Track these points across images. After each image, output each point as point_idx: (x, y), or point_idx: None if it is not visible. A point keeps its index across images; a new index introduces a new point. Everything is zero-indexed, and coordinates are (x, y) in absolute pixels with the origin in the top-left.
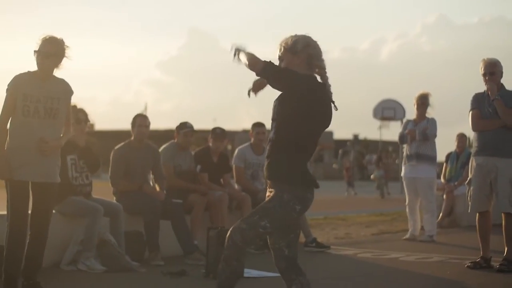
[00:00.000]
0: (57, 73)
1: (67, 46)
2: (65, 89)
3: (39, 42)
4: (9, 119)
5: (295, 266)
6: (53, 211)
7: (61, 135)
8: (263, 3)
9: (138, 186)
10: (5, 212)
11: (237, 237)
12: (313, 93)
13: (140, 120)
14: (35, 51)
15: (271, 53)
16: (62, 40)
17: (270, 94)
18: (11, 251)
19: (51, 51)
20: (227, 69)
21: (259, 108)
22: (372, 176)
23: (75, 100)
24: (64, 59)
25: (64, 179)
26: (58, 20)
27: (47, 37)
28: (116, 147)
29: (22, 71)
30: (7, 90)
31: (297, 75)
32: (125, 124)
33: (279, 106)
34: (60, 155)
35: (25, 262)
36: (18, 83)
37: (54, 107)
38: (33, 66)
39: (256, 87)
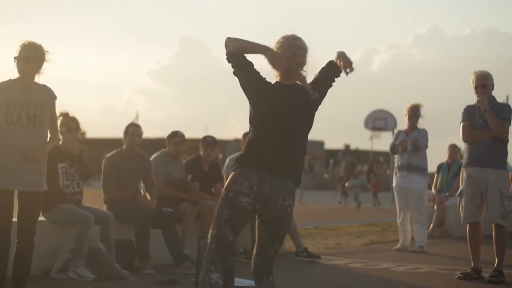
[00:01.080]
0: (47, 80)
1: (47, 51)
2: (48, 95)
3: (18, 48)
4: None
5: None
6: (44, 219)
7: (47, 141)
8: (254, 12)
9: (130, 195)
10: None
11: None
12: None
13: (133, 129)
14: (15, 57)
15: (261, 60)
16: (41, 45)
17: None
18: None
19: (31, 56)
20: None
21: None
22: (346, 184)
23: (67, 108)
24: (45, 64)
25: (55, 187)
26: (50, 29)
27: (26, 43)
28: (108, 155)
29: (3, 80)
30: None
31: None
32: (117, 132)
33: None
34: (46, 162)
35: (13, 271)
36: (0, 92)
37: (38, 114)
38: (14, 74)
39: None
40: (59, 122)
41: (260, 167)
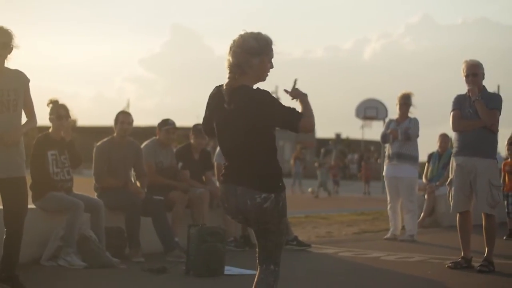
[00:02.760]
0: (38, 68)
1: (14, 35)
2: (21, 79)
3: None
4: None
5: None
6: (34, 207)
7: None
8: (244, 0)
9: (121, 183)
10: None
11: None
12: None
13: (123, 117)
14: None
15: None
16: (8, 29)
17: None
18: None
19: (3, 40)
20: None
21: None
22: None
23: (57, 95)
24: (14, 50)
25: (45, 175)
26: (41, 16)
27: (5, 29)
28: (98, 143)
29: None
30: None
31: None
32: (108, 121)
33: None
34: (23, 147)
35: (1, 259)
36: None
37: (11, 99)
38: None
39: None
40: (49, 110)
41: (225, 180)
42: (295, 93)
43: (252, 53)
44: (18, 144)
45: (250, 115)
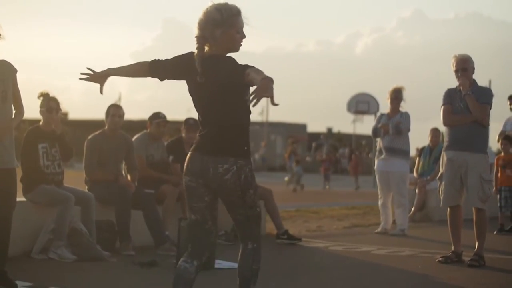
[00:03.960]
0: (29, 62)
1: (1, 26)
2: (8, 69)
3: None
4: None
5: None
6: (24, 200)
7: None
8: None
9: (113, 176)
10: None
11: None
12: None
13: (114, 110)
14: None
15: (244, 43)
16: None
17: None
18: None
19: None
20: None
21: None
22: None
23: (48, 89)
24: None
25: (35, 167)
26: (32, 9)
27: None
28: (90, 136)
29: None
30: None
31: None
32: (99, 114)
33: None
34: (13, 139)
35: None
36: None
37: (0, 90)
38: None
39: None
40: (39, 102)
41: (194, 148)
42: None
43: (215, 24)
44: (9, 136)
45: (222, 82)
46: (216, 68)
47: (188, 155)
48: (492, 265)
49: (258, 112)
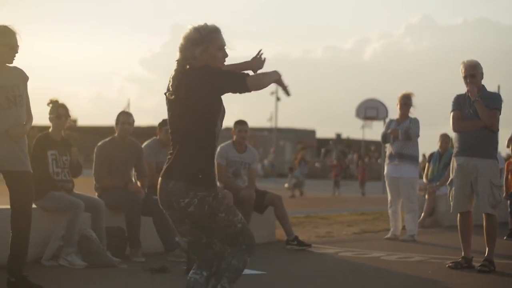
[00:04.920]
0: (38, 68)
1: (19, 34)
2: (22, 75)
3: (2, 33)
4: None
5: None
6: (34, 206)
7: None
8: (245, 0)
9: (122, 183)
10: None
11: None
12: None
13: (124, 118)
14: None
15: (253, 49)
16: (15, 29)
17: (254, 93)
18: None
19: (15, 43)
20: None
21: (240, 106)
22: (286, 185)
23: (57, 95)
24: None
25: (45, 174)
26: (40, 15)
27: (12, 29)
28: (99, 143)
29: None
30: None
31: None
32: (108, 120)
33: None
34: (26, 145)
35: (9, 259)
36: None
37: (17, 95)
38: None
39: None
40: (48, 109)
41: (162, 173)
42: (257, 62)
43: (194, 44)
44: (23, 140)
45: (190, 96)
46: (187, 83)
47: (160, 183)
48: (502, 271)
49: (267, 118)
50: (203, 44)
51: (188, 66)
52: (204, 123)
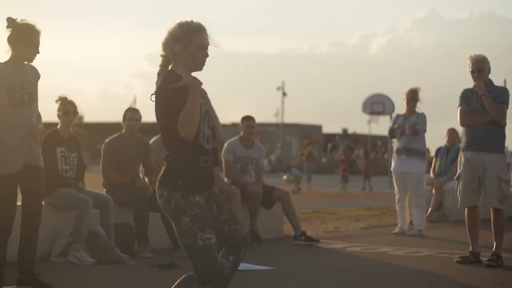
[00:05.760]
0: (44, 64)
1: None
2: (36, 73)
3: (28, 32)
4: None
5: None
6: (43, 203)
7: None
8: None
9: (130, 179)
10: None
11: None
12: None
13: (131, 114)
14: (21, 39)
15: (258, 44)
16: (38, 27)
17: (260, 88)
18: (25, 247)
19: (40, 43)
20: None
21: (247, 101)
22: (285, 177)
23: (64, 92)
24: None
25: (54, 171)
26: (46, 12)
27: (36, 28)
28: (107, 140)
29: None
30: None
31: None
32: (114, 117)
33: None
34: (38, 140)
35: (19, 255)
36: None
37: (33, 92)
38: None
39: None
40: (57, 106)
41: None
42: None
43: (175, 40)
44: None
45: (157, 104)
46: (160, 85)
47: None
48: (510, 265)
49: (273, 113)
50: (183, 41)
51: (166, 64)
52: (174, 129)
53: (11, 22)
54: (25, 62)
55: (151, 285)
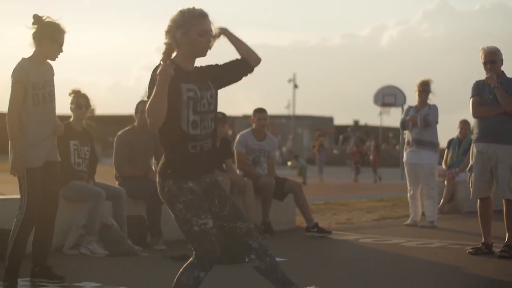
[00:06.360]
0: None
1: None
2: (52, 70)
3: (54, 30)
4: (19, 111)
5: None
6: None
7: None
8: None
9: (143, 172)
10: (9, 196)
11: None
12: None
13: (143, 107)
14: (46, 36)
15: (269, 37)
16: (64, 25)
17: (272, 80)
18: (22, 238)
19: (64, 41)
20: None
21: (258, 94)
22: (289, 163)
23: (76, 85)
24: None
25: (66, 164)
26: (59, 5)
27: (61, 27)
28: (119, 132)
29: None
30: (16, 82)
31: None
32: (126, 109)
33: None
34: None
35: (34, 247)
36: (26, 74)
37: (52, 90)
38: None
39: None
40: (69, 99)
41: None
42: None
43: (176, 27)
44: None
45: None
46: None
47: None
48: None
49: (284, 105)
50: (184, 27)
51: (170, 52)
52: (168, 120)
53: (37, 19)
54: (47, 60)
55: (164, 277)
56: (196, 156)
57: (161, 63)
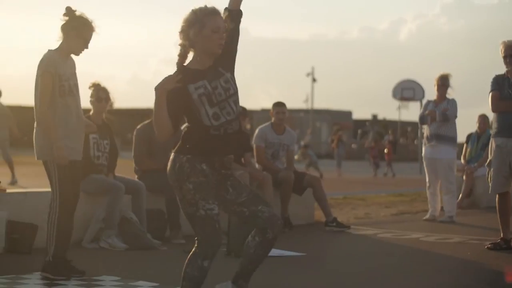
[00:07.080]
0: None
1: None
2: (75, 65)
3: (83, 25)
4: (48, 102)
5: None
6: None
7: None
8: None
9: (162, 165)
10: (29, 190)
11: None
12: None
13: None
14: (73, 30)
15: (288, 31)
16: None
17: (290, 74)
18: (63, 233)
19: (90, 39)
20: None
21: (277, 87)
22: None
23: (96, 79)
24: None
25: (86, 157)
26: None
27: (91, 24)
28: (139, 126)
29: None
30: (44, 72)
31: None
32: (144, 103)
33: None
34: None
35: (47, 240)
36: (54, 65)
37: (77, 83)
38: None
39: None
40: (89, 93)
41: None
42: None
43: (189, 26)
44: None
45: None
46: None
47: None
48: None
49: (303, 99)
50: (197, 25)
51: (185, 53)
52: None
53: (69, 11)
54: (71, 55)
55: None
56: (216, 138)
57: (178, 65)
